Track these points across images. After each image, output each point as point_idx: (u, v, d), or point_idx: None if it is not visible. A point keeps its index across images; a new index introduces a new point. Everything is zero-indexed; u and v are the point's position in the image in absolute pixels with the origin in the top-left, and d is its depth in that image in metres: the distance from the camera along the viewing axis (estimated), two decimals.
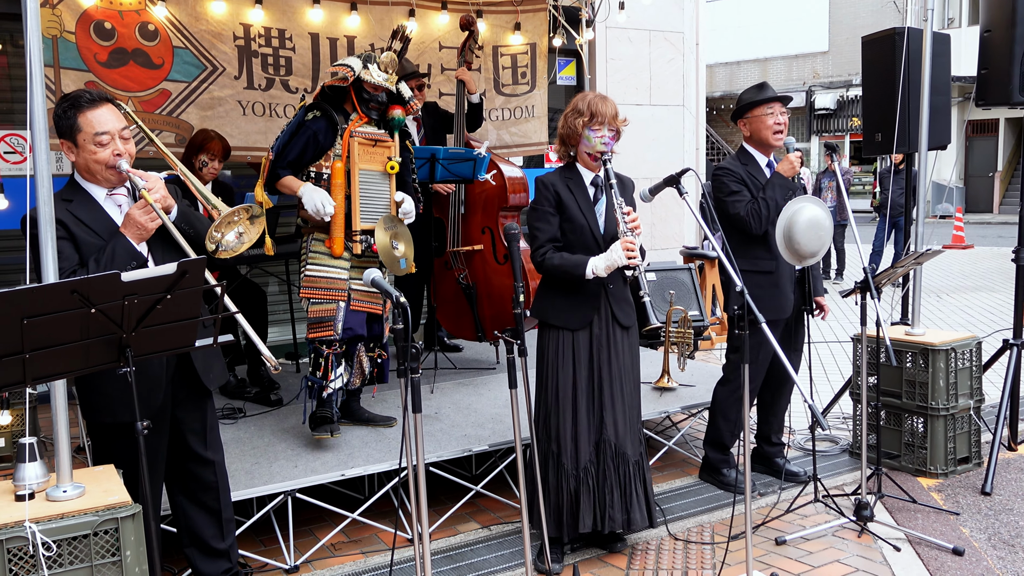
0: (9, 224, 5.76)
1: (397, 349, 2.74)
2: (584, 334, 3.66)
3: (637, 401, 3.80)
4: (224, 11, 5.37)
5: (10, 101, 6.12)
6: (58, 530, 2.48)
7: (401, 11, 6.02)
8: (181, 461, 3.18)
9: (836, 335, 8.60)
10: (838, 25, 26.05)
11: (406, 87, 4.28)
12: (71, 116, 2.87)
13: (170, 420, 3.10)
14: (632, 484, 3.67)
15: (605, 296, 3.68)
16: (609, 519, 3.64)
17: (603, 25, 7.38)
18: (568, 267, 3.56)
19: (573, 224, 3.64)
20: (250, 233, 3.09)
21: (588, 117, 3.60)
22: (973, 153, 25.85)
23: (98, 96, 2.93)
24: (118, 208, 2.98)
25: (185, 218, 3.02)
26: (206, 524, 3.23)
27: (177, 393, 3.08)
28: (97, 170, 2.91)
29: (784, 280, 4.30)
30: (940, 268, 13.78)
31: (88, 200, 2.94)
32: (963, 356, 4.70)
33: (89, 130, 2.86)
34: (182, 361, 3.05)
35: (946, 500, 4.39)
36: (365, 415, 4.51)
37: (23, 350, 2.19)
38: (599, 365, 3.67)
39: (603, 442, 3.65)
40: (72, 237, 2.85)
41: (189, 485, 3.22)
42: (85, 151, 2.89)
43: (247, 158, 5.57)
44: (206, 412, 3.19)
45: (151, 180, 2.93)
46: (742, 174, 4.32)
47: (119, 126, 2.91)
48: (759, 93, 4.38)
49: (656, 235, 8.95)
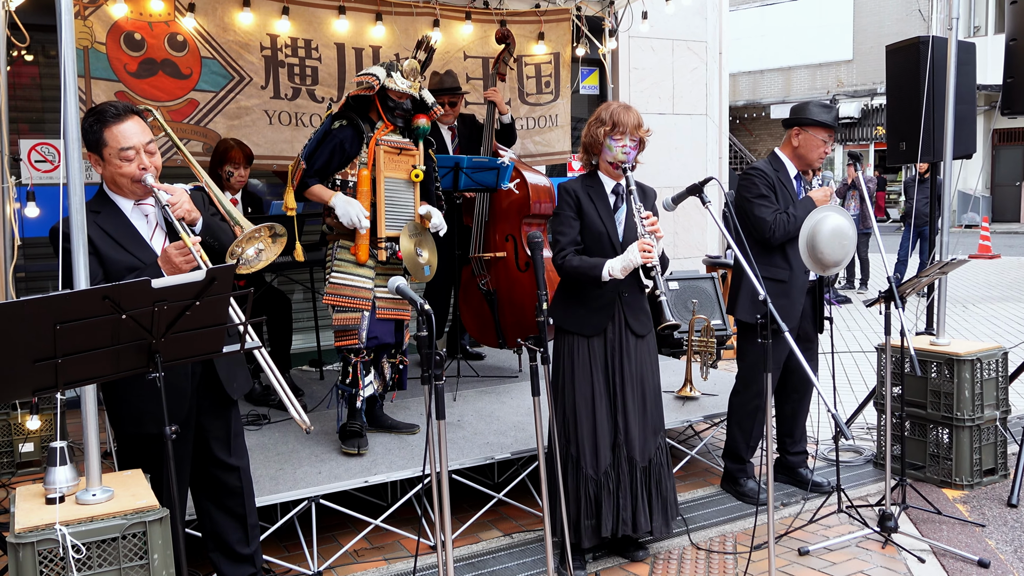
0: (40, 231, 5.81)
1: (421, 356, 2.76)
2: (599, 340, 3.70)
3: (656, 407, 3.80)
4: (251, 22, 5.44)
5: (41, 111, 6.23)
6: (87, 533, 2.52)
7: (426, 21, 6.07)
8: (206, 467, 3.21)
9: (860, 345, 8.55)
10: (862, 34, 25.91)
11: (428, 93, 4.32)
12: (97, 130, 2.91)
13: (195, 428, 3.13)
14: (643, 490, 3.69)
15: (619, 304, 3.70)
16: (622, 522, 3.66)
17: (626, 35, 7.39)
18: (585, 268, 3.60)
19: (592, 231, 3.67)
20: (269, 252, 3.11)
21: (610, 127, 3.63)
22: (1000, 162, 25.59)
23: (123, 109, 2.95)
24: (144, 218, 3.02)
25: (210, 230, 3.05)
26: (231, 529, 3.26)
27: (202, 402, 3.11)
28: (123, 184, 2.95)
29: (796, 291, 4.30)
30: (966, 278, 13.66)
31: (115, 212, 2.98)
32: (989, 366, 4.66)
33: (115, 145, 2.89)
34: (206, 371, 3.08)
35: (972, 512, 4.35)
36: (388, 421, 4.54)
37: (55, 355, 2.23)
38: (614, 371, 3.69)
39: (617, 447, 3.67)
40: (97, 252, 2.88)
41: (215, 491, 3.25)
42: (111, 165, 2.92)
43: (272, 167, 5.64)
44: (230, 420, 3.22)
45: (176, 193, 2.94)
46: (773, 180, 4.33)
47: (144, 140, 2.93)
48: (826, 115, 4.36)
49: (679, 244, 8.94)
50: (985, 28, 24.22)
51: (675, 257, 8.69)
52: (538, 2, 6.58)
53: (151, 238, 3.01)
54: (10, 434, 4.89)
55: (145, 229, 3.00)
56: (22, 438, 4.89)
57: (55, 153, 6.07)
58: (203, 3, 5.29)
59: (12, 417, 4.87)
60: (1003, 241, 19.85)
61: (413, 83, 4.19)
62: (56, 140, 6.03)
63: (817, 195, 4.29)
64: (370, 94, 4.13)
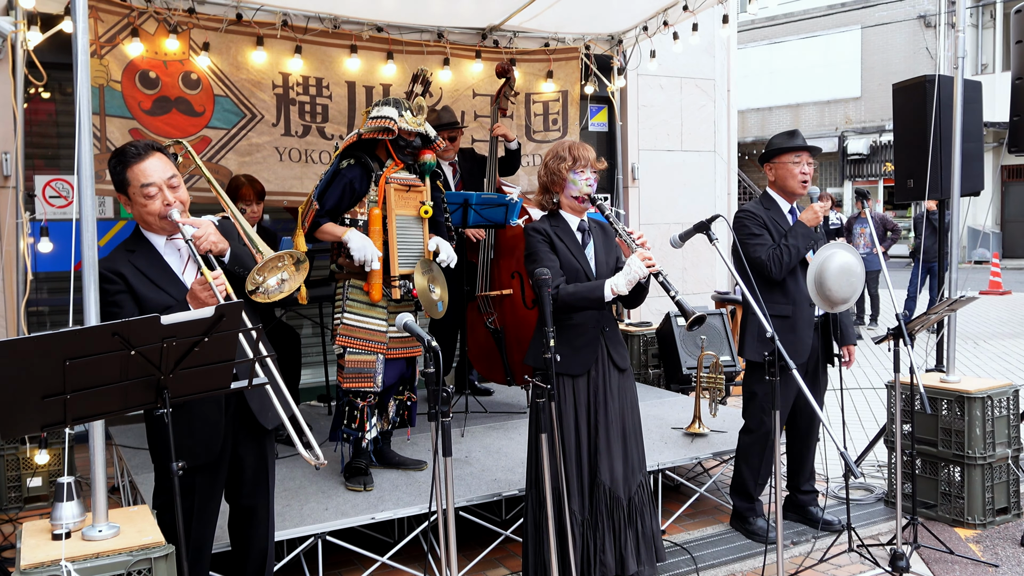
0: (55, 266, 5.91)
1: (428, 393, 2.77)
2: (583, 379, 3.64)
3: (637, 444, 3.75)
4: (264, 60, 5.52)
5: (56, 147, 6.31)
6: (93, 569, 2.52)
7: (436, 59, 6.16)
8: (238, 497, 3.23)
9: (870, 382, 8.50)
10: (870, 71, 26.05)
11: (430, 127, 4.34)
12: (120, 171, 2.96)
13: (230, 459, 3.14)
14: (625, 528, 3.62)
15: (602, 340, 3.68)
16: (601, 564, 3.59)
17: (634, 73, 7.47)
18: (584, 292, 3.54)
19: (568, 268, 3.63)
20: (292, 281, 3.11)
21: (571, 161, 3.64)
22: (1009, 198, 25.57)
23: (144, 147, 2.99)
24: (177, 252, 3.06)
25: (237, 259, 3.08)
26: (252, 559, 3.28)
27: (238, 433, 3.13)
28: (152, 221, 2.98)
29: (802, 325, 4.28)
30: (977, 315, 13.60)
31: (149, 250, 3.02)
32: (1000, 404, 4.63)
33: (136, 183, 2.93)
34: (240, 404, 3.10)
35: (984, 551, 4.30)
36: (396, 459, 4.53)
37: (64, 391, 2.25)
38: (595, 409, 3.64)
39: (596, 486, 3.62)
40: (131, 290, 2.91)
41: (242, 520, 3.27)
42: (137, 203, 2.97)
43: (283, 203, 5.69)
44: (265, 449, 3.24)
45: (202, 226, 2.97)
46: (764, 218, 4.33)
47: (166, 175, 2.96)
48: (788, 140, 4.39)
49: (688, 280, 8.95)
50: (992, 65, 24.33)
51: (684, 293, 8.66)
52: (547, 41, 6.66)
53: (183, 272, 3.04)
54: (18, 468, 4.90)
55: (178, 264, 3.04)
56: (30, 472, 4.89)
57: (69, 189, 6.15)
58: (217, 42, 5.38)
59: (21, 451, 4.89)
60: (1013, 277, 19.77)
61: (422, 120, 4.23)
62: (70, 176, 6.10)
63: (807, 216, 4.26)
64: (385, 138, 4.15)
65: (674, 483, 5.10)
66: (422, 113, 4.25)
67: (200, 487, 3.02)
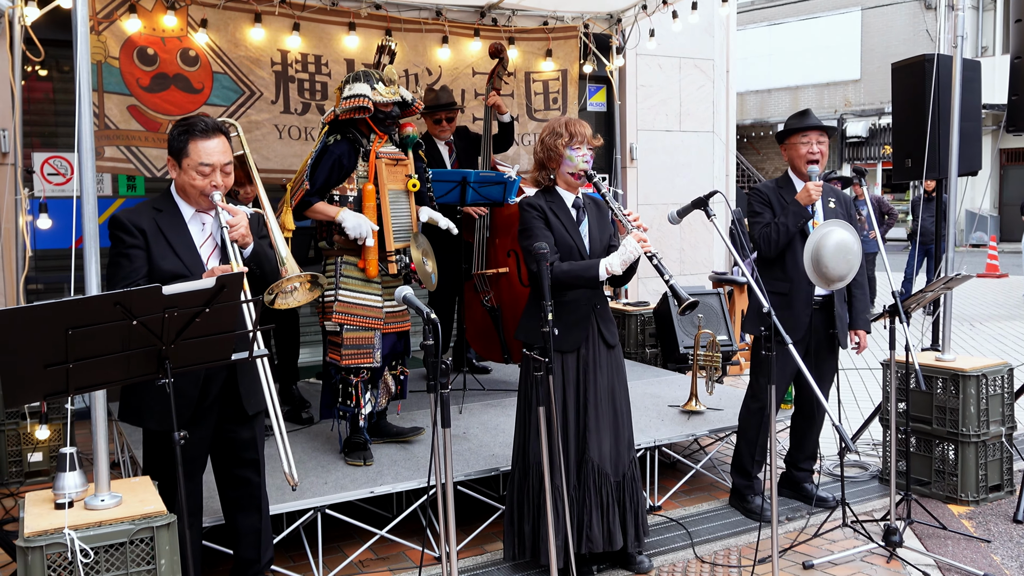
0: (54, 243, 5.92)
1: (427, 365, 2.79)
2: (572, 356, 3.67)
3: (627, 422, 3.78)
4: (263, 38, 5.51)
5: (53, 125, 6.30)
6: (95, 537, 2.55)
7: (435, 38, 6.14)
8: (231, 470, 3.29)
9: (866, 361, 8.53)
10: (870, 53, 25.97)
11: (406, 91, 4.32)
12: (183, 140, 3.01)
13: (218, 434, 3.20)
14: (617, 505, 3.66)
15: (594, 317, 3.70)
16: (587, 539, 3.63)
17: (633, 52, 7.46)
18: (578, 271, 3.57)
19: (562, 244, 3.65)
20: (302, 295, 3.34)
21: (568, 137, 3.65)
22: (1008, 182, 25.56)
23: (212, 126, 3.06)
24: (201, 226, 3.12)
25: (256, 258, 3.16)
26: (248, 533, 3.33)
27: (225, 410, 3.17)
28: (193, 194, 3.06)
29: (798, 303, 4.31)
30: (974, 296, 13.63)
31: (176, 215, 3.08)
32: (994, 382, 4.66)
33: (195, 158, 3.00)
34: (228, 382, 3.14)
35: (977, 527, 4.35)
36: (393, 430, 4.57)
37: (67, 360, 2.27)
38: (584, 386, 3.67)
39: (585, 462, 3.65)
40: (147, 247, 2.97)
41: (237, 494, 3.32)
42: (186, 175, 3.03)
43: (283, 180, 5.68)
44: (254, 428, 3.29)
45: (238, 216, 3.06)
46: (771, 196, 4.37)
47: (224, 160, 3.04)
48: (798, 121, 4.43)
49: (686, 261, 8.96)
50: (993, 48, 24.26)
51: (682, 274, 8.70)
52: (546, 19, 6.64)
53: (201, 245, 3.10)
54: (19, 443, 4.93)
55: (198, 236, 3.11)
56: (31, 447, 4.92)
57: (68, 166, 6.14)
58: (215, 19, 5.36)
59: (22, 427, 4.91)
60: (1011, 260, 19.78)
61: (395, 88, 4.21)
62: (69, 154, 6.10)
63: (801, 195, 4.29)
64: (364, 116, 4.14)
65: (671, 460, 5.14)
66: (394, 82, 4.23)
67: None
